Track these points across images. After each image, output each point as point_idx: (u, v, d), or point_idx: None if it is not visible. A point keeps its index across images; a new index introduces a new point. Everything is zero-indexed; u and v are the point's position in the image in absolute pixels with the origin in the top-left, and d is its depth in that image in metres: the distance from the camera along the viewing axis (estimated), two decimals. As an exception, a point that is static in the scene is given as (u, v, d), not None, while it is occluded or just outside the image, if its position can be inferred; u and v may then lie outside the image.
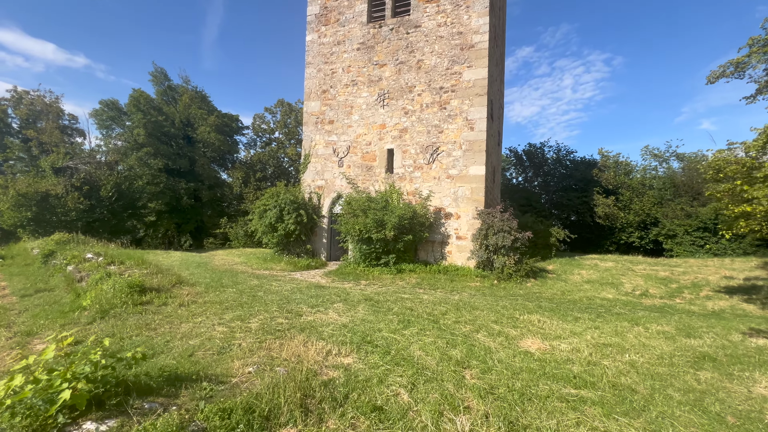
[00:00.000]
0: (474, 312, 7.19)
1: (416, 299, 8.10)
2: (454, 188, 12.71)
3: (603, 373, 4.44)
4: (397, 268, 11.70)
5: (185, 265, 12.31)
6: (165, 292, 7.18)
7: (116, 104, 23.57)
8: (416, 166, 13.30)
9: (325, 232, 14.68)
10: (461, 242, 12.54)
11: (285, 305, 6.87)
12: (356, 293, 8.46)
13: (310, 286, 9.03)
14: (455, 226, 12.65)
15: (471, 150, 12.51)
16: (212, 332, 5.15)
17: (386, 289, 9.44)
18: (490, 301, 8.42)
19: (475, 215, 12.28)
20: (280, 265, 13.31)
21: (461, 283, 10.72)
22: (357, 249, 12.13)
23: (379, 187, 13.61)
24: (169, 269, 10.36)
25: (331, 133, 14.76)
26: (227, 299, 7.11)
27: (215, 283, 8.77)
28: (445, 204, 12.82)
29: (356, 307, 7.07)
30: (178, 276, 8.87)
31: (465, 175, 12.57)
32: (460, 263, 12.47)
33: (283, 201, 13.47)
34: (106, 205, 20.53)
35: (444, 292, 9.68)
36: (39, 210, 19.24)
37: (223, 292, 7.81)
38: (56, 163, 19.44)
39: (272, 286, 8.77)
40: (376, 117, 13.98)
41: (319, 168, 14.94)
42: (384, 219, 11.49)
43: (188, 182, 24.82)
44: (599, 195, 21.74)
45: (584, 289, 10.81)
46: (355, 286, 9.95)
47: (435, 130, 13.06)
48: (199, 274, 10.08)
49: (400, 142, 13.56)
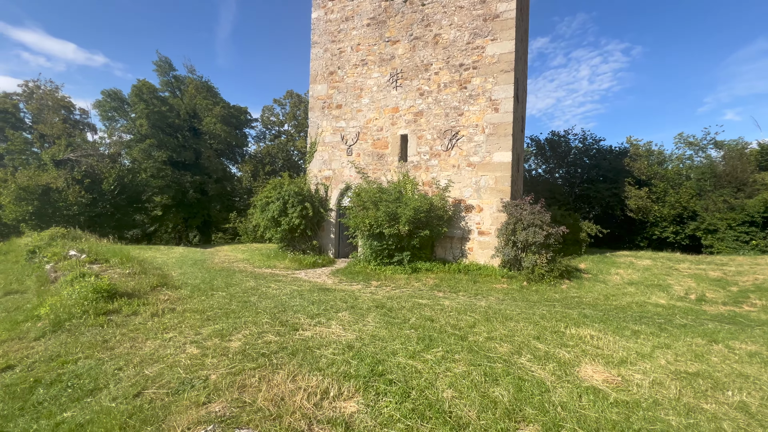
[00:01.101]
0: (508, 323, 5.89)
1: (436, 306, 6.84)
2: (475, 177, 11.34)
3: (718, 429, 3.11)
4: (412, 266, 10.45)
5: (181, 262, 11.32)
6: (140, 297, 6.10)
7: (119, 94, 22.83)
8: (433, 154, 11.95)
9: (332, 226, 13.51)
10: (484, 238, 11.18)
11: (280, 314, 5.71)
12: (366, 298, 7.25)
13: (313, 289, 7.86)
14: (477, 220, 11.29)
15: (495, 134, 11.09)
16: (179, 355, 4.01)
17: (400, 293, 8.20)
18: (523, 309, 7.10)
19: (500, 208, 10.89)
20: (284, 262, 12.22)
21: (486, 285, 9.40)
22: (367, 245, 10.91)
23: (392, 177, 12.33)
24: (159, 268, 9.36)
25: (339, 118, 13.51)
26: (212, 306, 5.99)
27: (205, 284, 7.69)
28: (465, 195, 11.46)
29: (365, 317, 5.86)
30: (163, 277, 7.81)
31: (488, 163, 11.17)
32: (483, 261, 11.13)
33: (286, 193, 12.34)
34: (108, 198, 19.83)
35: (467, 296, 8.39)
36: (41, 204, 18.65)
37: (211, 296, 6.70)
38: (57, 155, 18.78)
39: (270, 289, 7.64)
40: (388, 100, 12.65)
41: (326, 157, 13.74)
42: (397, 212, 10.22)
43: (194, 175, 23.99)
44: (631, 186, 19.97)
45: (629, 293, 9.35)
46: (365, 287, 8.75)
47: (454, 112, 11.66)
48: (191, 273, 9.04)
49: (415, 126, 12.22)
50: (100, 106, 22.83)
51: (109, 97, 22.57)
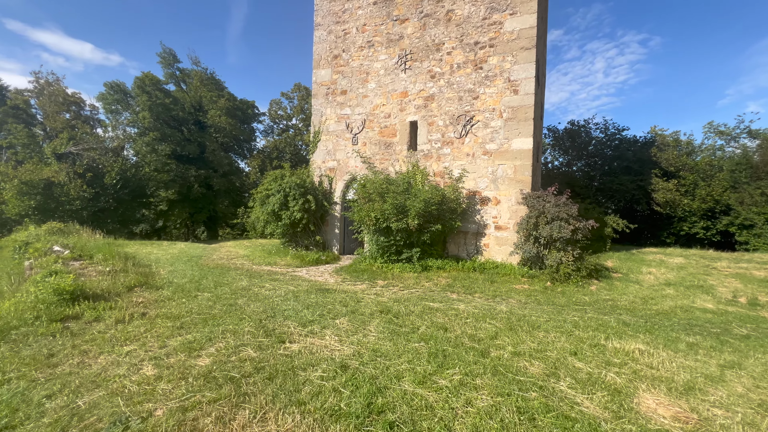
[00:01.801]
0: (536, 334, 4.95)
1: (450, 311, 5.92)
2: (492, 167, 10.32)
3: None
4: (423, 264, 9.53)
5: (176, 259, 10.63)
6: (110, 300, 5.35)
7: (122, 87, 22.34)
8: (445, 141, 10.96)
9: (337, 221, 12.67)
10: (501, 233, 10.18)
11: (267, 321, 4.89)
12: (369, 300, 6.38)
13: (310, 289, 7.03)
14: (494, 214, 10.29)
15: (514, 119, 10.04)
16: (130, 377, 3.21)
17: (409, 294, 7.31)
18: (551, 314, 6.13)
19: (519, 200, 9.87)
20: (286, 259, 11.44)
21: (504, 286, 8.43)
22: (373, 241, 10.03)
23: (400, 168, 11.40)
24: (148, 265, 8.66)
25: (344, 105, 12.60)
26: (191, 311, 5.19)
27: (192, 284, 6.92)
28: (480, 186, 10.46)
29: (367, 324, 4.99)
30: (146, 275, 7.08)
31: (506, 151, 10.13)
32: (500, 259, 10.14)
33: (287, 185, 11.52)
34: (110, 193, 19.39)
35: (484, 298, 7.44)
36: (43, 198, 18.29)
37: (194, 298, 5.92)
38: (58, 148, 18.36)
39: (262, 290, 6.83)
40: (397, 83, 11.69)
41: (331, 147, 12.87)
42: (406, 204, 9.30)
43: (198, 169, 23.45)
44: (658, 178, 18.58)
45: (669, 295, 8.26)
46: (370, 288, 7.88)
47: (468, 95, 10.64)
48: (181, 271, 8.30)
49: (426, 112, 11.24)
50: (103, 99, 22.41)
51: (111, 89, 22.11)
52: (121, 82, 22.30)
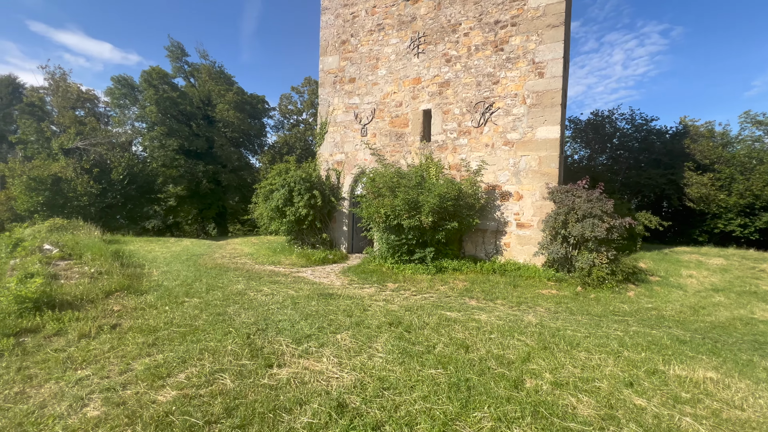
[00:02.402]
0: (576, 354, 4.11)
1: (470, 322, 5.11)
2: (514, 158, 9.38)
3: None
4: (437, 265, 8.71)
5: (174, 258, 10.07)
6: (82, 308, 4.71)
7: (129, 81, 22.04)
8: (462, 131, 10.06)
9: (345, 217, 11.93)
10: (524, 231, 9.26)
11: (257, 336, 4.17)
12: (377, 309, 5.61)
13: (312, 294, 6.30)
14: (515, 210, 9.37)
15: (539, 104, 9.06)
16: (66, 420, 2.51)
17: (422, 300, 6.51)
18: (589, 328, 5.26)
19: (544, 194, 8.93)
20: (290, 258, 10.77)
21: (529, 291, 7.53)
22: (383, 239, 9.25)
23: (412, 160, 10.55)
24: (140, 266, 8.09)
25: (353, 94, 11.80)
26: (172, 322, 4.51)
27: (182, 288, 6.27)
28: (501, 180, 9.54)
29: (373, 341, 4.22)
30: (131, 278, 6.47)
31: (530, 140, 9.18)
32: (522, 260, 9.23)
33: (292, 179, 10.82)
34: (118, 189, 19.12)
35: (508, 305, 6.58)
36: (51, 194, 18.10)
37: (179, 306, 5.25)
38: (65, 144, 18.13)
39: (259, 295, 6.13)
40: (409, 69, 10.81)
41: (338, 139, 12.10)
42: (419, 200, 8.47)
43: (207, 165, 23.05)
44: (692, 172, 17.20)
45: (721, 304, 7.23)
46: (379, 292, 7.11)
47: (488, 80, 9.70)
48: (175, 272, 7.69)
49: (440, 99, 10.34)
50: (111, 94, 22.16)
51: (119, 83, 21.83)
52: (128, 76, 22.03)
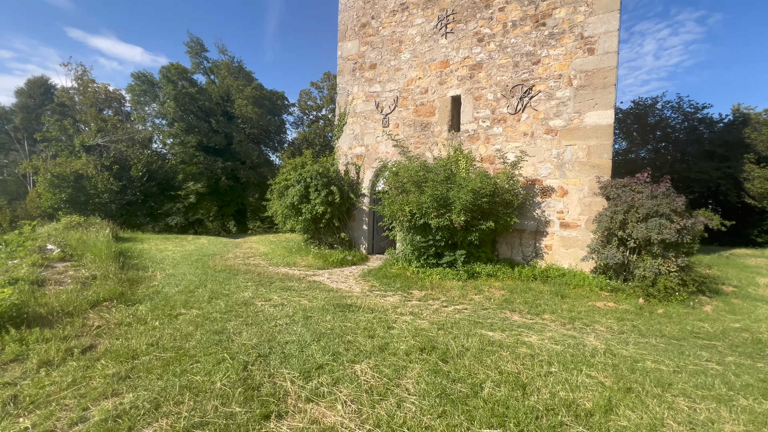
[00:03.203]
0: (672, 401, 3.08)
1: (519, 347, 4.12)
2: (557, 149, 8.21)
3: None
4: (468, 270, 7.69)
5: (184, 259, 9.47)
6: (58, 322, 4.02)
7: (149, 77, 21.95)
8: (496, 119, 8.95)
9: (365, 215, 11.05)
10: (569, 232, 8.09)
11: (256, 366, 3.34)
12: (404, 326, 4.69)
13: (328, 305, 5.44)
14: (559, 208, 8.20)
15: (588, 86, 7.84)
16: None
17: (456, 314, 5.54)
18: (673, 357, 4.16)
19: (595, 190, 7.73)
20: (307, 259, 10.00)
21: (581, 303, 6.40)
22: (407, 240, 8.30)
23: (439, 152, 9.53)
24: (144, 267, 7.48)
25: (373, 81, 10.87)
26: (158, 343, 3.75)
27: (182, 296, 5.55)
28: (541, 173, 8.39)
29: (402, 375, 3.30)
30: (129, 283, 5.81)
31: (577, 128, 7.98)
32: (567, 265, 8.07)
33: (308, 174, 10.02)
34: (137, 186, 19.00)
35: (560, 322, 5.50)
36: (74, 191, 18.17)
37: (173, 320, 4.50)
38: (86, 141, 18.13)
39: (267, 305, 5.33)
40: (435, 52, 9.77)
41: (358, 131, 11.21)
42: (449, 196, 7.47)
43: (225, 161, 22.73)
44: (753, 165, 15.31)
45: (826, 323, 5.87)
46: (404, 301, 6.18)
47: (526, 60, 8.54)
48: (180, 276, 7.01)
49: (471, 84, 9.26)
50: (131, 91, 22.17)
51: (138, 79, 21.78)
52: (148, 73, 21.95)
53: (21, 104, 34.33)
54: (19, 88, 35.18)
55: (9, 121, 34.10)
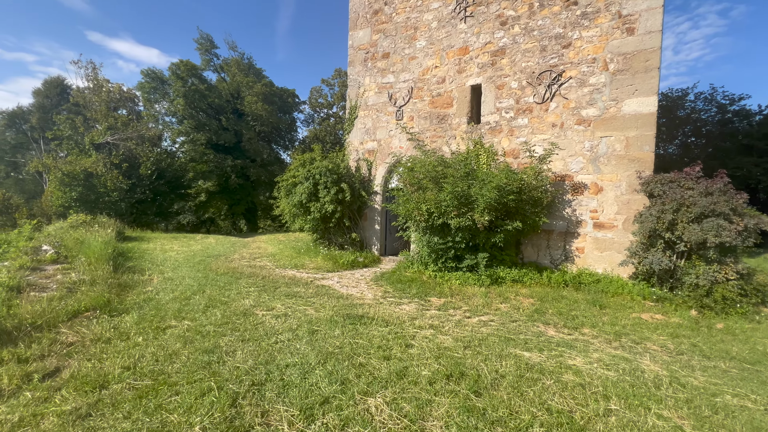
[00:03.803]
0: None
1: (564, 373, 3.42)
2: (590, 141, 7.41)
3: None
4: (491, 275, 6.97)
5: (188, 259, 9.01)
6: (26, 338, 3.49)
7: (158, 74, 21.73)
8: (520, 109, 8.18)
9: (377, 214, 10.40)
10: (604, 233, 7.28)
11: (247, 400, 2.73)
12: (424, 343, 4.04)
13: (337, 317, 4.82)
14: (592, 206, 7.40)
15: (627, 70, 7.02)
16: None
17: (482, 327, 4.85)
18: (756, 389, 3.39)
19: (635, 186, 6.91)
20: (316, 260, 9.43)
21: (623, 315, 5.62)
22: (424, 242, 7.62)
23: (458, 146, 8.81)
24: (142, 270, 6.99)
25: (386, 71, 10.20)
26: (135, 366, 3.17)
27: (176, 304, 5.01)
28: (572, 168, 7.60)
29: (426, 416, 2.66)
30: (119, 289, 5.30)
31: (614, 117, 7.16)
32: (601, 270, 7.27)
33: (317, 171, 9.43)
34: (146, 184, 18.79)
35: (603, 338, 4.75)
36: (84, 190, 18.04)
37: (160, 334, 3.94)
38: (96, 138, 17.96)
39: (268, 316, 4.74)
40: (454, 38, 9.04)
41: (370, 125, 10.57)
42: (470, 193, 6.76)
43: (235, 159, 22.40)
44: (799, 159, 14.11)
45: None
46: (421, 311, 5.51)
47: (556, 43, 7.75)
48: (179, 280, 6.49)
49: (493, 72, 8.50)
50: (141, 88, 22.00)
51: (148, 76, 21.58)
52: (158, 70, 21.75)
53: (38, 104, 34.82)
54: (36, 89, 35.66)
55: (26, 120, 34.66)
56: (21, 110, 35.75)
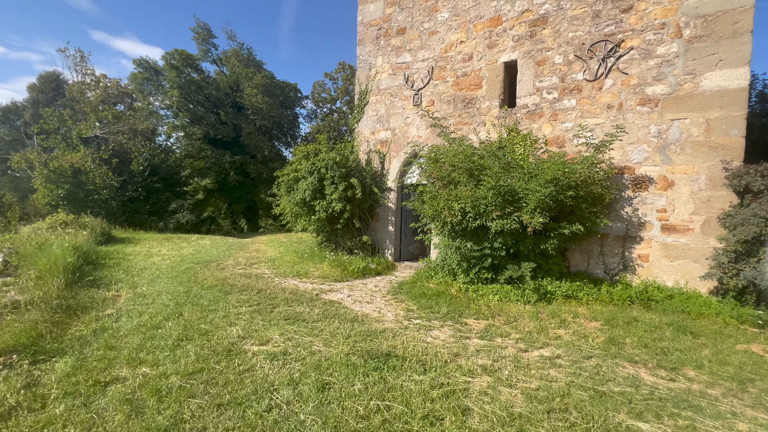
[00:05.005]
0: None
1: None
2: (658, 125, 6.06)
3: None
4: (538, 288, 5.66)
5: (171, 266, 7.75)
6: None
7: (152, 65, 20.42)
8: (567, 88, 6.84)
9: (391, 214, 9.10)
10: (675, 238, 5.94)
11: None
12: (487, 406, 2.73)
13: (354, 354, 3.55)
14: (659, 204, 6.07)
15: (708, 35, 5.67)
16: None
17: (551, 369, 3.55)
18: None
19: (718, 179, 5.57)
20: (321, 267, 8.15)
21: (726, 347, 4.29)
22: (453, 248, 6.29)
23: (487, 134, 7.48)
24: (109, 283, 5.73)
25: (402, 50, 8.87)
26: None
27: (139, 336, 3.73)
28: (633, 159, 6.26)
29: None
30: (62, 313, 4.03)
31: (690, 94, 5.82)
32: (671, 282, 5.94)
33: (323, 164, 8.15)
34: (138, 181, 17.55)
35: (725, 389, 3.41)
36: (72, 187, 16.83)
37: (99, 395, 2.65)
38: (84, 132, 16.73)
39: (261, 356, 3.46)
40: (483, 7, 7.70)
41: (382, 111, 9.25)
42: (515, 188, 5.43)
43: (234, 155, 21.14)
44: None
45: None
46: (460, 341, 4.21)
47: (612, 7, 6.40)
48: (153, 296, 5.22)
49: (532, 45, 7.16)
50: (134, 79, 20.74)
51: (140, 66, 20.31)
52: (151, 60, 20.45)
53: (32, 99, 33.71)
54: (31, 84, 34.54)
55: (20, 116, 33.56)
56: (15, 105, 34.64)
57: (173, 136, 20.73)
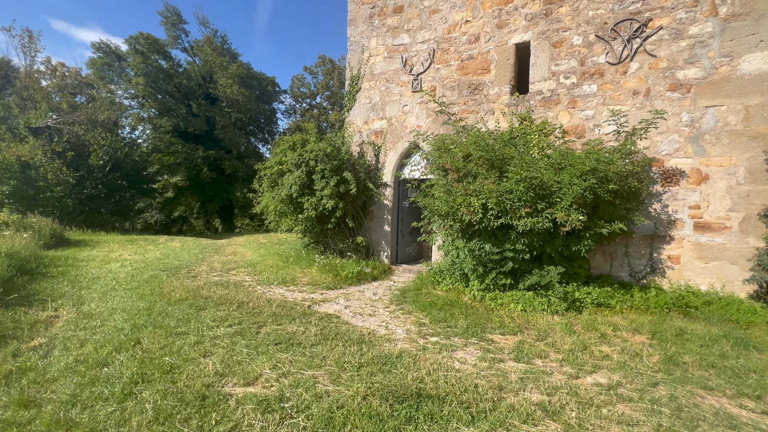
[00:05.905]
0: None
1: None
2: (690, 112, 5.50)
3: None
4: (566, 296, 4.95)
5: (132, 274, 6.57)
6: None
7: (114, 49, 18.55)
8: (587, 72, 6.20)
9: (387, 212, 8.23)
10: (709, 237, 5.40)
11: None
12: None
13: (372, 393, 2.65)
14: (692, 200, 5.51)
15: (748, 13, 5.14)
16: None
17: (619, 403, 2.79)
18: None
19: (759, 172, 5.05)
20: (310, 271, 7.19)
21: (799, 363, 3.71)
22: (467, 249, 5.49)
23: (496, 123, 6.75)
24: (46, 299, 4.56)
25: (399, 30, 8.02)
26: None
27: (79, 377, 2.69)
28: (662, 150, 5.68)
29: None
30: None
31: (726, 78, 5.27)
32: (706, 286, 5.39)
33: (313, 155, 7.18)
34: (98, 177, 15.84)
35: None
36: (19, 183, 14.92)
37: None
38: (33, 122, 14.87)
39: (249, 406, 2.49)
40: (491, -18, 6.96)
41: (377, 99, 8.37)
42: (545, 181, 4.69)
43: (207, 149, 19.62)
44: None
45: None
46: (496, 368, 3.41)
47: (639, -18, 5.79)
48: (102, 317, 4.13)
49: (547, 24, 6.48)
50: (93, 65, 18.81)
51: (100, 50, 18.42)
52: (113, 44, 18.58)
53: (-23, 88, 30.51)
54: (-26, 70, 31.23)
55: (-37, 106, 30.29)
56: (-44, 95, 31.27)
57: (139, 128, 18.97)
